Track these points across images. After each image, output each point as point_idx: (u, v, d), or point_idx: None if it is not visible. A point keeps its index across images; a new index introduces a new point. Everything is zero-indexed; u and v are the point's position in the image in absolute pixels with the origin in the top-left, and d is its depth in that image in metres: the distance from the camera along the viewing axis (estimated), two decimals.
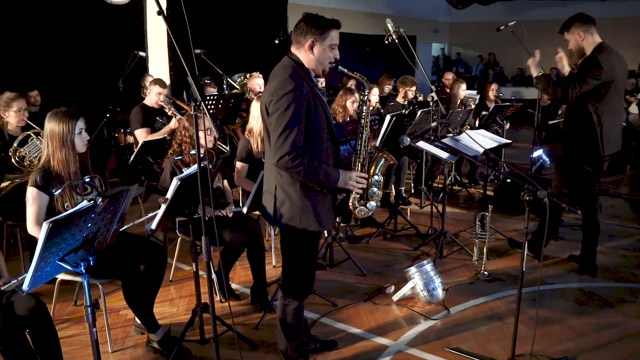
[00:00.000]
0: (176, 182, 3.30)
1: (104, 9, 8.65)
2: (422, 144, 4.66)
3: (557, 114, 10.92)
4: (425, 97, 8.03)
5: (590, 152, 4.67)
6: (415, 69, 7.97)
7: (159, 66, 9.79)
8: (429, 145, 4.65)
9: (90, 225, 2.66)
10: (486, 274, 4.89)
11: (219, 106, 6.40)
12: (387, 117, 5.58)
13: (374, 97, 6.93)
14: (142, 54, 8.41)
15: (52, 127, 3.43)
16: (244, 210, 3.97)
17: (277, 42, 8.54)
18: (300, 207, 2.98)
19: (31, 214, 3.37)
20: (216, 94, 6.78)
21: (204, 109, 2.57)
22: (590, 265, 5.02)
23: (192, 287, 4.03)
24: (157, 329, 3.72)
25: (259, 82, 6.91)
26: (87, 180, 3.38)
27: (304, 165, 2.82)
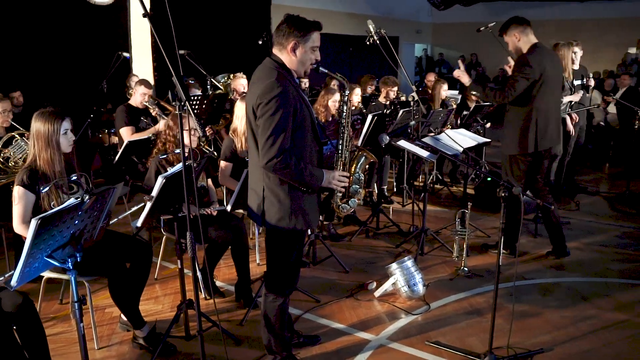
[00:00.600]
0: (161, 180, 3.35)
1: (87, 10, 8.64)
2: (403, 143, 4.74)
3: None
4: (407, 98, 8.13)
5: (526, 148, 4.87)
6: (396, 69, 8.05)
7: (143, 67, 9.79)
8: (410, 144, 4.73)
9: (77, 222, 2.72)
10: (466, 270, 4.98)
11: (203, 107, 6.46)
12: (369, 117, 5.67)
13: (357, 97, 7.01)
14: (126, 54, 8.46)
15: (38, 127, 3.47)
16: (228, 208, 4.04)
17: (260, 42, 8.60)
18: (289, 207, 3.02)
19: (17, 213, 3.40)
20: (200, 95, 6.83)
21: (188, 109, 2.63)
22: (560, 248, 5.26)
23: (177, 285, 4.07)
24: (143, 325, 3.78)
25: (242, 83, 6.95)
26: (74, 178, 3.42)
27: (292, 167, 2.87)
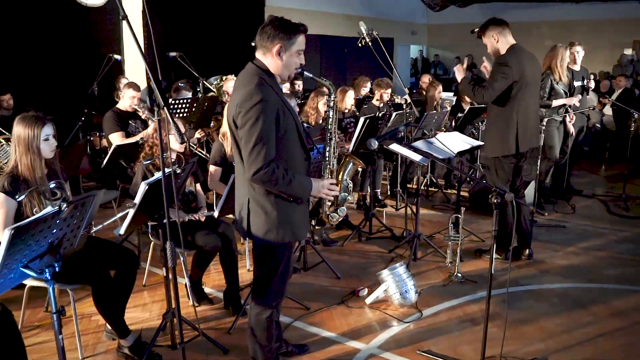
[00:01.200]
0: (144, 186, 3.27)
1: (79, 11, 8.55)
2: (395, 147, 4.66)
3: None
4: (401, 100, 8.05)
5: (508, 150, 4.84)
6: (390, 73, 7.97)
7: (135, 69, 9.71)
8: (402, 147, 4.65)
9: (55, 231, 2.63)
10: (460, 275, 4.90)
11: (192, 109, 6.38)
12: (361, 120, 5.60)
13: (350, 100, 6.92)
14: (117, 57, 8.37)
15: (19, 131, 3.39)
16: (215, 214, 3.96)
17: (253, 44, 8.49)
18: (276, 219, 2.87)
19: None
20: (189, 97, 6.75)
21: (166, 114, 2.54)
22: (505, 244, 5.12)
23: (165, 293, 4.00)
24: (128, 334, 3.69)
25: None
26: (53, 185, 3.33)
27: (280, 177, 2.73)
